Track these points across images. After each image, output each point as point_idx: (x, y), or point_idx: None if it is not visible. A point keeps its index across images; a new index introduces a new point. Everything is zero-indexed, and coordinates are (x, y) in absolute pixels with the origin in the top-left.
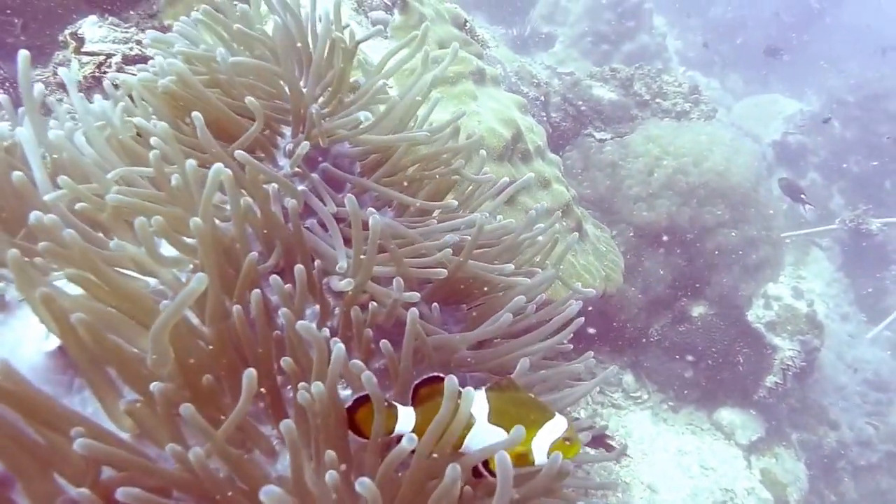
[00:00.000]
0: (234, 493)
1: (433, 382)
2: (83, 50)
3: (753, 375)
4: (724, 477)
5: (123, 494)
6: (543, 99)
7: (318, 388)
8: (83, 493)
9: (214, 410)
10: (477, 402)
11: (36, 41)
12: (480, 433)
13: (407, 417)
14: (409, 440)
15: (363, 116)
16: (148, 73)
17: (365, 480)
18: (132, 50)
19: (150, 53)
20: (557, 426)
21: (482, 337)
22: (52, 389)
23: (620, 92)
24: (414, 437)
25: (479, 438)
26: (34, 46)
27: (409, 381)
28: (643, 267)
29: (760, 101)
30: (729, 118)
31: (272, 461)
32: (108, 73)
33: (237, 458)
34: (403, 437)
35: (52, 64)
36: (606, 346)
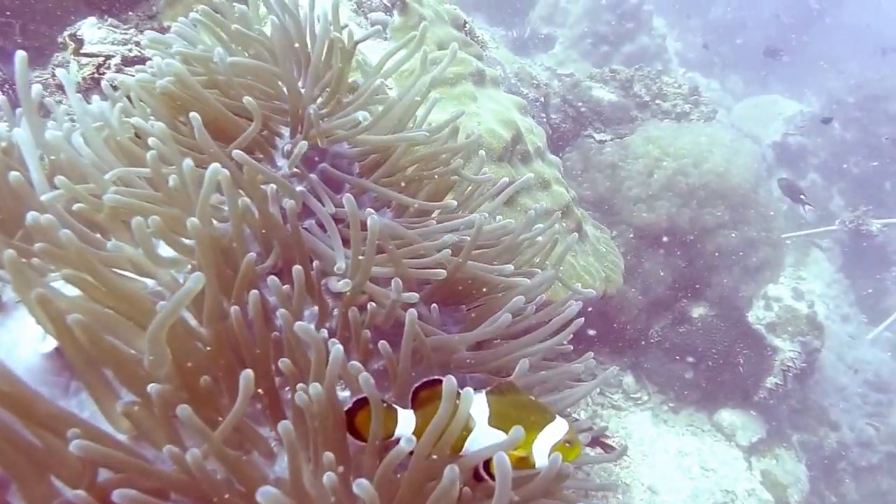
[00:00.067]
0: (231, 494)
1: (433, 385)
2: (82, 51)
3: (754, 376)
4: (724, 478)
5: (120, 496)
6: (543, 100)
7: (316, 389)
8: (79, 495)
9: (212, 412)
10: (477, 405)
11: (35, 42)
12: (481, 436)
13: (407, 420)
14: (407, 441)
15: (361, 116)
16: (146, 73)
17: (363, 482)
18: (131, 51)
19: (148, 54)
20: (558, 429)
21: (481, 337)
22: (48, 391)
23: (620, 93)
24: (413, 438)
25: (479, 442)
26: (33, 48)
27: (407, 382)
28: (643, 268)
29: (760, 102)
30: (729, 119)
31: (270, 463)
32: (107, 74)
33: (235, 459)
34: (402, 438)
35: (51, 65)
36: (606, 347)
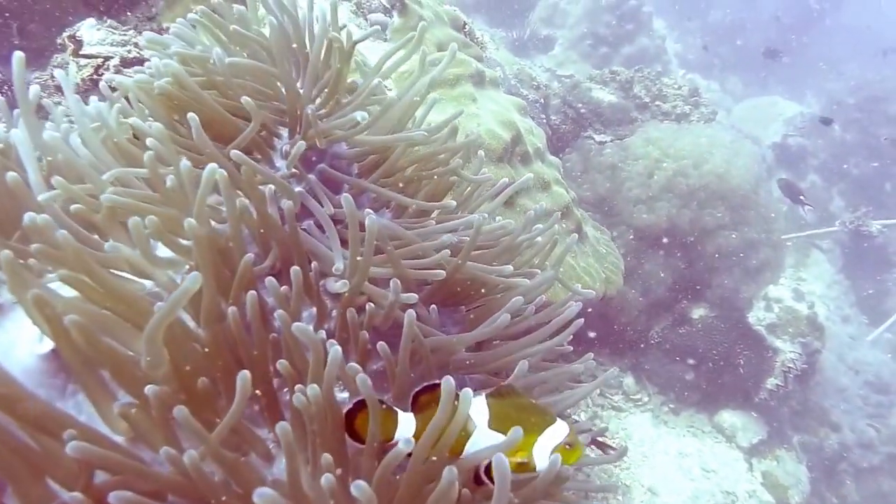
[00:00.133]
0: (229, 496)
1: (434, 390)
2: (81, 52)
3: (754, 378)
4: (725, 479)
5: (116, 498)
6: (543, 101)
7: (314, 390)
8: (76, 497)
9: (210, 413)
10: (477, 407)
11: (34, 44)
12: (481, 439)
13: (407, 423)
14: (406, 443)
15: (360, 117)
16: (144, 74)
17: (361, 484)
18: (130, 52)
19: (146, 55)
20: (559, 431)
21: (480, 338)
22: (45, 392)
23: (620, 94)
24: (412, 439)
25: (479, 444)
26: (32, 49)
27: (406, 383)
28: (643, 269)
29: (760, 103)
30: (729, 120)
31: (268, 464)
32: (105, 75)
33: (232, 461)
34: (401, 440)
35: (50, 66)
36: (607, 348)
